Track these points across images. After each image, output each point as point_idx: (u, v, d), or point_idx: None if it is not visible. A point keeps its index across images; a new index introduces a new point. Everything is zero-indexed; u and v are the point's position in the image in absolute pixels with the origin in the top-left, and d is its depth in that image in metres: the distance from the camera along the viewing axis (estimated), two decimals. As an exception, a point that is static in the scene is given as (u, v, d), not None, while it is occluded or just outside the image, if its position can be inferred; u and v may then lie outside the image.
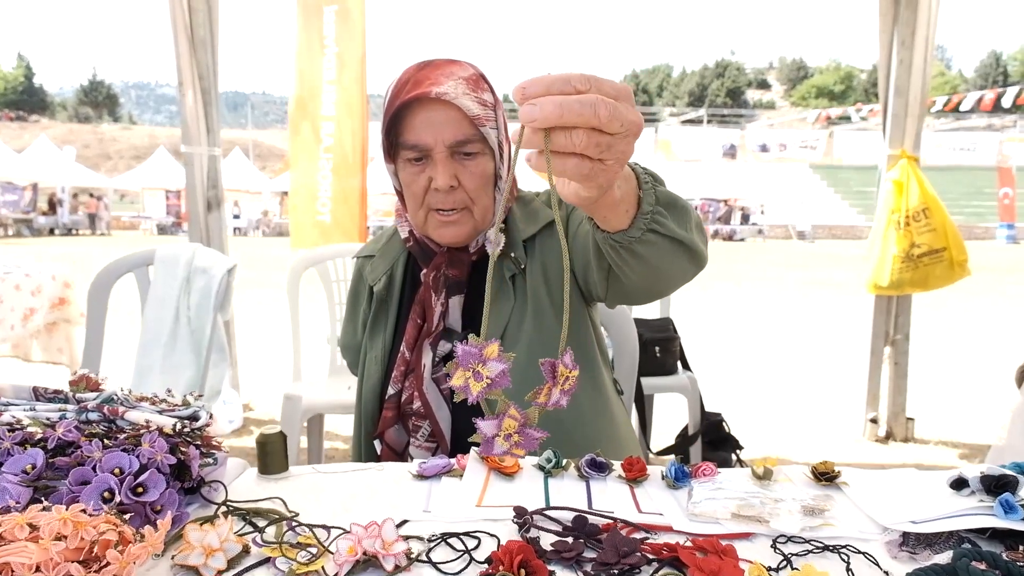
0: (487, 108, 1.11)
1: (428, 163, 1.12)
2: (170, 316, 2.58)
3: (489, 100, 1.12)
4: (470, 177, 1.12)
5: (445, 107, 1.08)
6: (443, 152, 1.10)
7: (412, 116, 1.10)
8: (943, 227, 3.37)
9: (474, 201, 1.14)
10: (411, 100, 1.08)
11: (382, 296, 1.26)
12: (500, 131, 1.14)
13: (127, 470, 0.71)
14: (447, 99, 1.07)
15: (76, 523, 0.61)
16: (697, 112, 59.27)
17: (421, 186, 1.13)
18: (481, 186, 1.14)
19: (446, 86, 1.08)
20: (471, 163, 1.12)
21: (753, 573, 0.65)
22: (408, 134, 1.11)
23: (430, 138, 1.09)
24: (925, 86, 3.43)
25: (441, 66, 1.11)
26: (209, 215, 3.77)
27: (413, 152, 1.11)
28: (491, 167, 1.15)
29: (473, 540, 0.73)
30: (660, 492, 0.87)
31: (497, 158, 1.15)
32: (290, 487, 0.88)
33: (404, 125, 1.11)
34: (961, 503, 0.78)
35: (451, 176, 1.11)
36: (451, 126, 1.09)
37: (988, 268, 13.62)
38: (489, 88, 1.14)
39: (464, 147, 1.10)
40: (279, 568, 0.66)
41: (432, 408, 1.16)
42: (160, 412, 0.80)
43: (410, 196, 1.16)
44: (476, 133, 1.10)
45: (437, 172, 1.10)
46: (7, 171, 23.16)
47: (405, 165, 1.14)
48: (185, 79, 3.58)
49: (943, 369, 5.25)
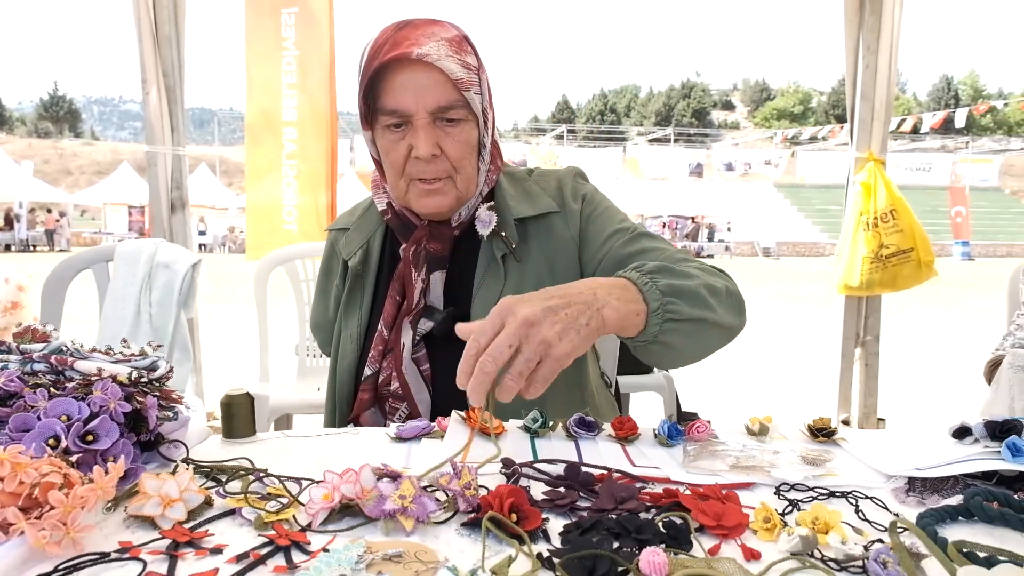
0: (471, 72, 1.05)
1: (408, 130, 1.04)
2: (131, 314, 2.47)
3: (473, 63, 1.06)
4: (453, 145, 1.05)
5: (427, 69, 1.00)
6: (425, 118, 1.02)
7: (391, 79, 1.02)
8: (910, 228, 3.42)
9: (457, 170, 1.07)
10: (390, 61, 1.01)
11: (358, 271, 1.19)
12: (484, 97, 1.08)
13: (75, 417, 0.64)
14: (429, 61, 1.00)
15: (15, 464, 0.55)
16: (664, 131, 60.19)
17: (401, 154, 1.06)
18: (465, 155, 1.07)
19: (428, 47, 1.01)
20: (454, 130, 1.05)
21: (760, 514, 0.61)
22: (387, 98, 1.03)
23: (411, 103, 1.02)
24: (890, 91, 3.50)
25: (421, 26, 1.04)
26: (173, 217, 3.66)
27: (392, 118, 1.03)
28: (475, 135, 1.08)
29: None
30: (653, 449, 0.83)
31: (481, 125, 1.09)
32: (258, 450, 0.81)
33: (382, 88, 1.03)
34: (966, 450, 0.76)
35: (433, 144, 1.03)
36: (433, 90, 1.02)
37: (946, 283, 13.96)
38: (473, 51, 1.07)
39: (447, 113, 1.03)
40: (245, 518, 0.60)
41: (411, 390, 1.09)
42: (114, 362, 0.73)
43: (389, 165, 1.09)
44: (460, 98, 1.03)
45: (419, 139, 1.03)
46: (-39, 185, 22.45)
47: (384, 132, 1.06)
48: (149, 76, 3.48)
49: (912, 371, 5.33)
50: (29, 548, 0.52)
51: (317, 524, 0.60)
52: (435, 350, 1.12)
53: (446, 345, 1.09)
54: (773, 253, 30.83)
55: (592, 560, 0.52)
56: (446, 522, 0.62)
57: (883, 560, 0.52)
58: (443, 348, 1.11)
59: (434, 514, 0.61)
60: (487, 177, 1.14)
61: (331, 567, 0.51)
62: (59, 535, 0.52)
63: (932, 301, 10.60)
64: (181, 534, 0.56)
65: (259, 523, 0.59)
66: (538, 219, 1.14)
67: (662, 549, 0.52)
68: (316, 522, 0.60)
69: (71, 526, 0.53)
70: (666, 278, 0.86)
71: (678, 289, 0.86)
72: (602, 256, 1.10)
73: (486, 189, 1.15)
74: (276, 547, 0.54)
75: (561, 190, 1.17)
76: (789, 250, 32.49)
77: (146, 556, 0.53)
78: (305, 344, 2.80)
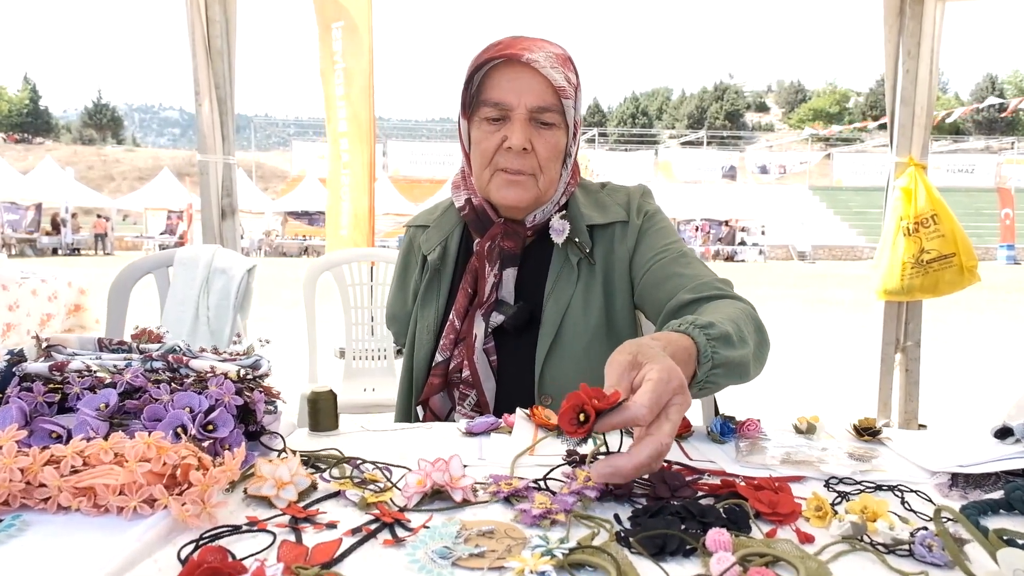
0: (571, 86, 1.14)
1: (505, 124, 1.13)
2: (190, 317, 2.60)
3: (573, 80, 1.15)
4: (544, 145, 1.14)
5: (532, 73, 1.10)
6: (523, 114, 1.11)
7: (499, 75, 1.12)
8: (952, 233, 3.40)
9: (542, 170, 1.15)
10: (501, 59, 1.11)
11: (436, 266, 1.26)
12: (578, 112, 1.17)
13: (196, 409, 0.73)
14: (536, 66, 1.09)
15: (160, 448, 0.63)
16: (697, 134, 59.71)
17: (493, 144, 1.14)
18: (552, 157, 1.15)
19: (537, 55, 1.11)
20: (547, 132, 1.14)
21: (812, 503, 0.67)
22: (491, 91, 1.12)
23: (513, 98, 1.11)
24: (932, 95, 3.48)
25: (535, 40, 1.15)
26: (223, 223, 3.80)
27: (494, 110, 1.12)
28: (563, 143, 1.17)
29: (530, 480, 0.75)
30: (707, 446, 0.89)
31: (569, 136, 1.17)
32: (342, 442, 0.89)
33: (488, 83, 1.13)
34: (1007, 449, 0.80)
35: (526, 139, 1.11)
36: (535, 91, 1.11)
37: (989, 287, 13.64)
38: (575, 71, 1.17)
39: (543, 115, 1.12)
40: (349, 499, 0.68)
41: (480, 378, 1.17)
42: (222, 361, 0.82)
43: (479, 154, 1.16)
44: (557, 104, 1.12)
45: (514, 131, 1.11)
46: (11, 192, 23.30)
47: (481, 123, 1.15)
48: (202, 88, 3.63)
49: (952, 377, 5.26)
50: (172, 520, 0.61)
51: (412, 506, 0.67)
52: (504, 342, 1.19)
53: (515, 338, 1.18)
54: (808, 257, 30.35)
55: (663, 538, 0.58)
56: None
57: (928, 544, 0.58)
58: (512, 341, 1.19)
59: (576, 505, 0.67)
60: (566, 188, 1.21)
61: (435, 539, 0.58)
62: (198, 509, 0.60)
63: (975, 306, 10.37)
64: (297, 511, 0.64)
65: (362, 504, 0.66)
66: (605, 228, 1.22)
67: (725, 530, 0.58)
68: (411, 504, 0.67)
69: (207, 502, 0.61)
70: (723, 351, 0.87)
71: (729, 361, 0.88)
72: (646, 271, 1.17)
73: (564, 200, 1.22)
74: (382, 524, 0.62)
75: (629, 204, 1.24)
76: (825, 254, 31.96)
77: (273, 528, 0.61)
78: (352, 347, 2.90)
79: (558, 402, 1.13)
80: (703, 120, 78.90)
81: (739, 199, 36.97)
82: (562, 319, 1.16)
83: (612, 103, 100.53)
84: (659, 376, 0.70)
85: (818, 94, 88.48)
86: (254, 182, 35.84)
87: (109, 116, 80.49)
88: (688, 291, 1.07)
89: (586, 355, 1.14)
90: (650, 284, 1.15)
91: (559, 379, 1.14)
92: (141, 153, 62.68)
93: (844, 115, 72.80)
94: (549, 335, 1.15)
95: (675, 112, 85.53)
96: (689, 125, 76.70)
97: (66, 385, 0.76)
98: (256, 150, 56.94)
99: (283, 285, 12.31)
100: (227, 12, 3.61)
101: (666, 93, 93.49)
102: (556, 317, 1.16)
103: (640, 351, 0.74)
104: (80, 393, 0.76)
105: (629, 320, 1.21)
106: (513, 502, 0.69)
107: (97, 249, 26.10)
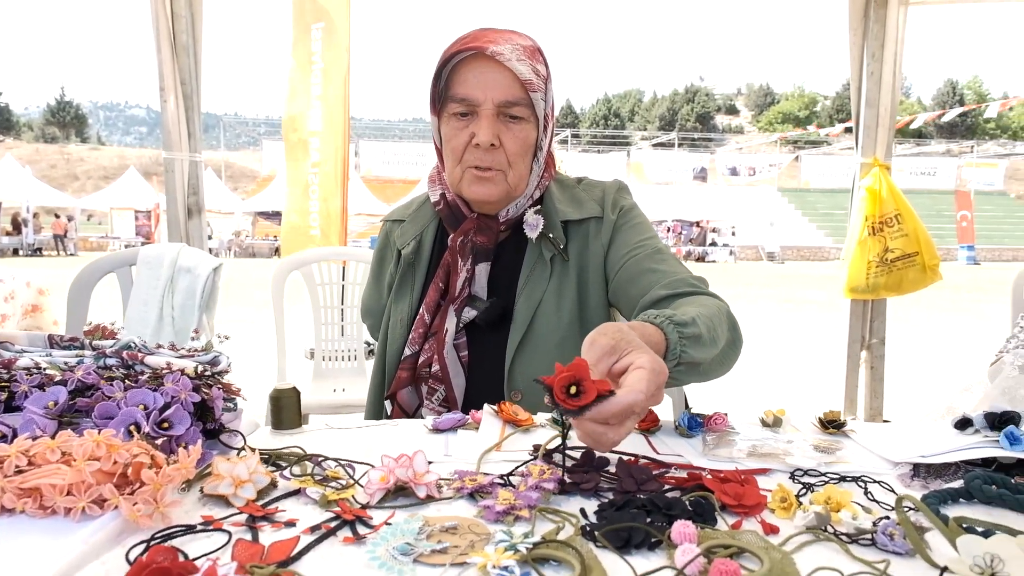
0: (539, 78, 1.13)
1: (473, 119, 1.12)
2: (153, 317, 2.54)
3: (542, 72, 1.14)
4: (512, 140, 1.13)
5: (498, 67, 1.09)
6: (490, 109, 1.10)
7: (465, 70, 1.11)
8: (915, 232, 3.47)
9: (511, 165, 1.14)
10: (466, 53, 1.10)
11: (410, 260, 1.26)
12: (548, 104, 1.16)
13: (151, 406, 0.70)
14: (501, 59, 1.08)
15: (110, 446, 0.61)
16: (668, 136, 60.29)
17: (463, 141, 1.13)
18: (521, 152, 1.14)
19: (503, 47, 1.09)
20: (515, 126, 1.13)
21: (777, 495, 0.67)
22: (458, 87, 1.11)
23: (480, 93, 1.09)
24: (895, 97, 3.56)
25: (501, 31, 1.14)
26: (190, 222, 3.73)
27: (460, 106, 1.11)
28: (533, 136, 1.16)
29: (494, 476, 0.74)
30: (674, 440, 0.89)
31: (540, 129, 1.16)
32: (305, 440, 0.87)
33: (456, 78, 1.12)
34: (967, 440, 0.81)
35: (494, 134, 1.10)
36: (502, 86, 1.09)
37: (951, 288, 13.98)
38: (544, 62, 1.16)
39: (511, 109, 1.11)
40: (310, 496, 0.66)
41: (449, 373, 1.15)
42: (179, 357, 0.79)
43: (450, 151, 1.16)
44: (525, 97, 1.11)
45: (481, 128, 1.10)
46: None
47: (450, 119, 1.14)
48: (167, 84, 3.55)
49: (916, 374, 5.37)
50: (123, 521, 0.59)
51: (374, 503, 0.66)
52: (476, 338, 1.18)
53: (487, 334, 1.17)
54: (777, 257, 30.84)
55: (628, 531, 0.58)
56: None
57: (890, 533, 0.58)
58: (483, 336, 1.18)
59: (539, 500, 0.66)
60: (539, 182, 1.20)
61: (396, 536, 0.57)
62: (150, 509, 0.58)
63: (938, 305, 10.62)
64: (255, 510, 0.62)
65: (323, 501, 0.65)
66: (579, 223, 1.21)
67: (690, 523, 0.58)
68: (373, 501, 0.66)
69: (160, 501, 0.59)
70: (690, 328, 0.88)
71: (696, 335, 0.89)
72: (620, 266, 1.16)
73: (537, 194, 1.21)
74: (343, 521, 0.60)
75: (604, 199, 1.23)
76: (793, 254, 32.49)
77: (229, 527, 0.59)
78: (321, 347, 2.86)
79: (528, 398, 1.12)
80: (674, 122, 79.70)
81: (710, 200, 37.40)
82: (534, 315, 1.15)
83: (585, 105, 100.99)
84: (652, 367, 0.71)
85: (786, 97, 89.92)
86: (223, 182, 35.27)
87: (73, 114, 78.63)
88: (662, 287, 1.07)
89: (558, 351, 1.14)
90: (624, 280, 1.15)
91: (529, 375, 1.13)
92: (106, 152, 61.29)
93: (812, 118, 74.09)
94: (520, 330, 1.14)
95: (647, 114, 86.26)
96: (661, 127, 77.42)
97: (13, 383, 0.73)
98: (226, 149, 56.06)
99: (253, 286, 12.13)
100: (192, 7, 3.54)
101: (638, 95, 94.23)
102: (528, 313, 1.15)
103: (622, 337, 0.74)
104: (28, 391, 0.73)
105: (603, 316, 1.20)
106: (478, 498, 0.68)
107: (58, 250, 25.45)
